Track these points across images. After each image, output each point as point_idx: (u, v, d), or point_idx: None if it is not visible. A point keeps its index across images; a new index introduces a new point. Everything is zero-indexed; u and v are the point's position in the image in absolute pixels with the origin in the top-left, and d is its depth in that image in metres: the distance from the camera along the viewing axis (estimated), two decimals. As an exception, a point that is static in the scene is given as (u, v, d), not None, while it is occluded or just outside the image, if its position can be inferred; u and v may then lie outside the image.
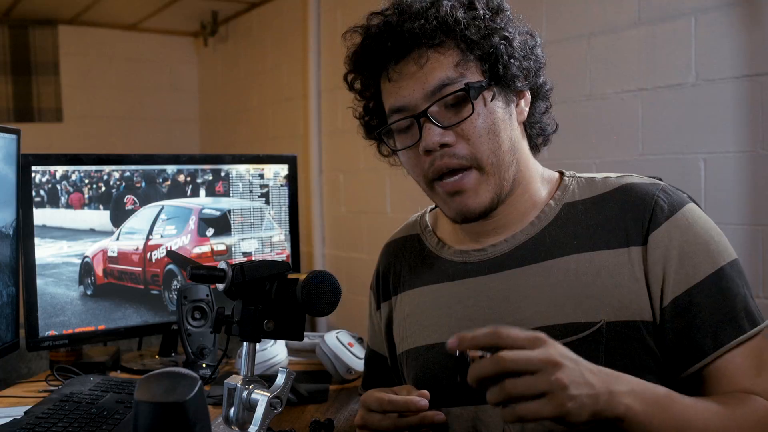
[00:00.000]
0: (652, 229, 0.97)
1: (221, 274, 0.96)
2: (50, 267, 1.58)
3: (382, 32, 1.01)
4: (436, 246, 1.14)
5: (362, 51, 1.04)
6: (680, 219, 0.97)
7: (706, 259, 0.95)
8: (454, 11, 0.99)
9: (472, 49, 0.99)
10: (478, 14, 1.00)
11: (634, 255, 0.97)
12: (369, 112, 1.10)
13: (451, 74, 0.98)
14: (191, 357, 1.56)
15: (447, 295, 1.08)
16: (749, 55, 1.78)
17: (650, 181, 1.03)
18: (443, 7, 0.99)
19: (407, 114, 1.01)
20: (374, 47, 1.01)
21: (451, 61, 0.99)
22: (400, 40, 0.99)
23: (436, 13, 0.98)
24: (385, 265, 1.21)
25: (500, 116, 1.01)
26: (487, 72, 1.00)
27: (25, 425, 1.15)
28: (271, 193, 1.84)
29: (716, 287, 0.94)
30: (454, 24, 0.98)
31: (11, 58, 3.97)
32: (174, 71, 4.52)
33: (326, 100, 3.33)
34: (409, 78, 0.99)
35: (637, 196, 1.00)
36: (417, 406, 0.93)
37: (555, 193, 1.07)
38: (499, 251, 1.05)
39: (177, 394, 0.75)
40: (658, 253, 0.95)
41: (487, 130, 0.99)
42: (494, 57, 0.99)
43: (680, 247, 0.95)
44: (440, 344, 1.06)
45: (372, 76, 1.05)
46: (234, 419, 0.97)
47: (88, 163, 1.64)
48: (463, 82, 0.98)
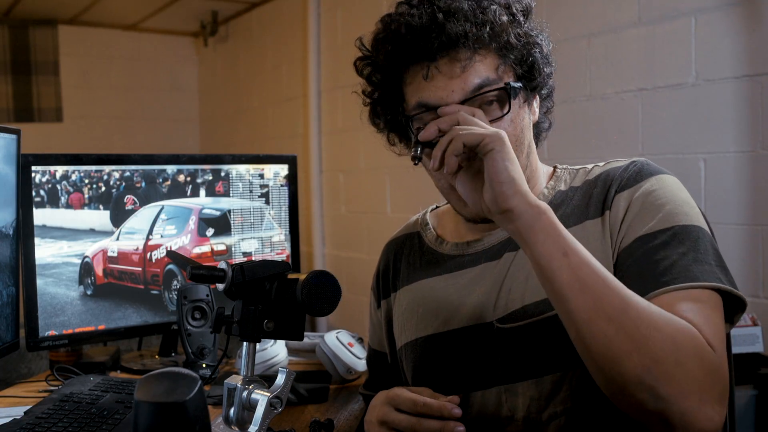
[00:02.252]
0: (618, 192, 0.99)
1: (221, 274, 0.96)
2: (50, 267, 1.58)
3: (426, 27, 0.97)
4: (434, 242, 1.15)
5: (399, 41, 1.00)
6: (645, 183, 0.98)
7: (657, 218, 0.94)
8: (500, 16, 0.98)
9: (512, 53, 1.00)
10: (517, 19, 1.01)
11: (605, 219, 0.99)
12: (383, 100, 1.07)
13: (492, 76, 0.99)
14: (191, 357, 1.56)
15: (444, 287, 1.09)
16: (749, 55, 1.78)
17: (631, 160, 1.05)
18: (490, 12, 0.98)
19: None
20: (418, 40, 0.98)
21: (491, 65, 0.99)
22: (449, 39, 0.96)
23: (484, 17, 0.98)
24: (384, 263, 1.23)
25: (525, 122, 1.04)
26: (522, 77, 1.01)
27: (25, 425, 1.15)
28: (271, 193, 1.84)
29: (661, 241, 0.91)
30: (500, 29, 0.98)
31: (11, 58, 3.97)
32: (174, 71, 4.52)
33: (326, 100, 3.33)
34: (450, 77, 0.98)
35: (616, 172, 1.02)
36: (451, 413, 0.92)
37: (548, 183, 1.10)
38: (495, 240, 1.07)
39: (177, 394, 0.75)
40: (620, 212, 0.97)
41: (515, 138, 1.01)
42: (530, 63, 1.01)
43: (637, 207, 0.96)
44: (437, 335, 1.07)
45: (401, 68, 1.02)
46: (234, 419, 0.97)
47: (88, 163, 1.64)
48: (502, 82, 0.99)
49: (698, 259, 0.90)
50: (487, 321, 1.02)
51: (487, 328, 1.02)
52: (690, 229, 0.92)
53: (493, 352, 1.01)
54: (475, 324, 1.03)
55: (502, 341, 1.00)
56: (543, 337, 0.96)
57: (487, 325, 1.02)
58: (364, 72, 1.07)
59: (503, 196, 0.85)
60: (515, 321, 0.99)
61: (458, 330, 1.05)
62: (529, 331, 0.97)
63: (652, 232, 0.93)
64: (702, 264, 0.89)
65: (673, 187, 0.98)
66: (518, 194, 0.85)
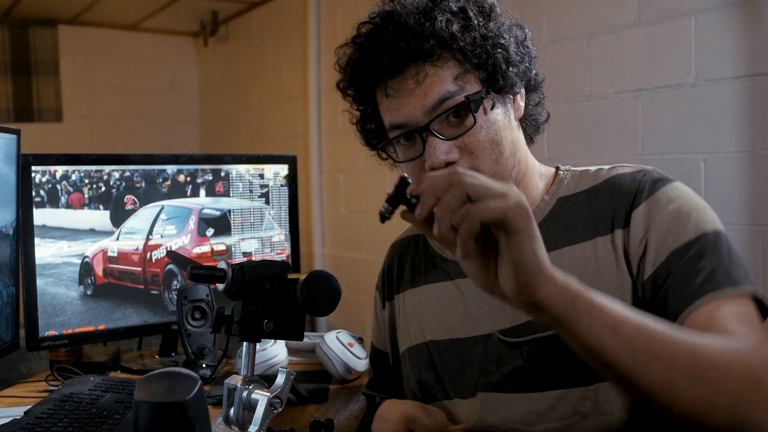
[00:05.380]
0: (634, 208, 0.97)
1: (221, 274, 0.96)
2: (50, 267, 1.58)
3: (376, 48, 0.98)
4: (438, 245, 1.15)
5: (357, 66, 1.02)
6: (661, 195, 0.97)
7: (687, 227, 0.93)
8: (450, 25, 0.96)
9: (470, 60, 0.97)
10: (472, 24, 0.98)
11: (617, 238, 0.97)
12: (366, 120, 1.09)
13: (451, 88, 0.97)
14: (191, 357, 1.56)
15: (447, 293, 1.09)
16: (749, 55, 1.78)
17: (639, 167, 1.04)
18: (438, 22, 0.96)
19: (408, 129, 0.99)
20: (369, 63, 0.99)
21: (449, 75, 0.97)
22: (396, 58, 0.96)
23: (432, 29, 0.96)
24: (390, 264, 1.23)
25: (501, 123, 1.01)
26: (486, 81, 0.99)
27: (25, 425, 1.15)
28: (271, 193, 1.84)
29: (696, 251, 0.91)
30: (450, 39, 0.96)
31: (11, 58, 3.97)
32: (174, 71, 4.52)
33: (326, 100, 3.33)
34: (408, 95, 0.97)
35: (624, 183, 1.01)
36: None
37: (550, 188, 1.07)
38: None
39: (177, 394, 0.75)
40: (640, 229, 0.95)
41: (490, 141, 0.98)
42: (492, 67, 0.98)
43: (661, 221, 0.95)
44: (439, 342, 1.07)
45: (368, 89, 1.03)
46: (234, 419, 0.97)
47: (88, 163, 1.64)
48: (462, 94, 0.97)
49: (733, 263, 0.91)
50: (490, 332, 1.01)
51: (490, 339, 1.01)
52: (717, 235, 0.93)
53: (495, 364, 1.00)
54: (478, 335, 1.03)
55: (504, 353, 0.99)
56: (548, 354, 0.95)
57: (490, 336, 1.01)
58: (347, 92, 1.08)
59: (530, 288, 0.71)
60: (520, 335, 0.98)
61: (462, 339, 1.04)
62: (534, 346, 0.97)
63: (684, 244, 0.92)
64: (736, 268, 0.91)
65: (688, 194, 0.98)
66: (546, 281, 0.72)
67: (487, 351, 1.01)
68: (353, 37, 1.03)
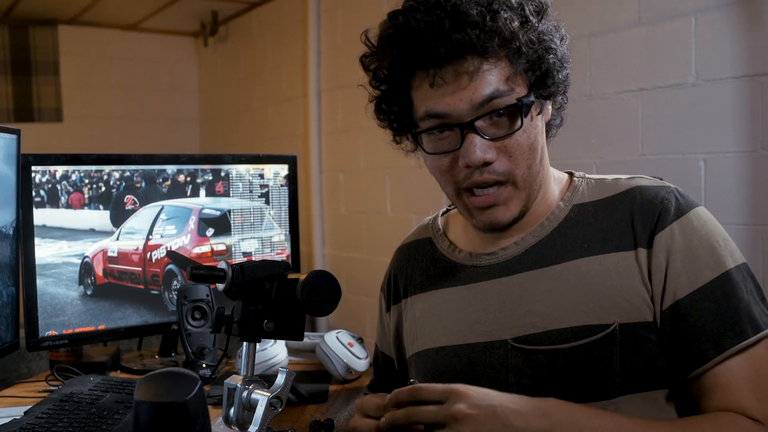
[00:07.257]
0: (658, 230, 0.96)
1: (221, 274, 0.96)
2: (50, 267, 1.58)
3: (433, 34, 0.92)
4: (447, 249, 1.13)
5: (403, 47, 0.95)
6: (686, 222, 0.96)
7: (710, 263, 0.93)
8: (512, 23, 0.93)
9: (521, 61, 0.95)
10: (529, 23, 0.95)
11: (641, 257, 0.96)
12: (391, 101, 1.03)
13: (502, 87, 0.94)
14: (191, 357, 1.56)
15: (458, 299, 1.07)
16: (749, 55, 1.78)
17: (661, 183, 1.02)
18: (500, 18, 0.92)
19: (449, 121, 0.96)
20: (421, 49, 0.93)
21: (502, 73, 0.94)
22: (454, 48, 0.91)
23: (494, 24, 0.92)
24: (397, 267, 1.21)
25: (540, 128, 1.00)
26: (534, 84, 0.97)
27: (25, 425, 1.15)
28: (271, 193, 1.84)
29: (720, 291, 0.92)
30: (510, 37, 0.93)
31: (11, 58, 3.97)
32: (174, 71, 4.52)
33: (326, 100, 3.33)
34: (456, 87, 0.93)
35: (647, 199, 0.99)
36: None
37: (565, 194, 1.06)
38: (509, 254, 1.04)
39: (177, 394, 0.75)
40: (662, 255, 0.94)
41: (529, 146, 0.97)
42: (544, 71, 0.96)
43: (684, 251, 0.94)
44: (449, 347, 1.05)
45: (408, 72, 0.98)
46: (234, 419, 0.97)
47: (88, 163, 1.64)
48: (513, 96, 0.94)
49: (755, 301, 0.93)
50: (502, 338, 1.00)
51: (502, 345, 1.00)
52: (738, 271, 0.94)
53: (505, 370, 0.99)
54: (489, 341, 1.01)
55: (515, 361, 0.98)
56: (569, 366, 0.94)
57: (502, 343, 1.00)
58: (370, 67, 1.03)
59: None
60: (534, 343, 0.97)
61: (472, 345, 1.02)
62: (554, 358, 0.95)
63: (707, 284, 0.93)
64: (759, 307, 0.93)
65: (711, 223, 0.97)
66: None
67: (500, 358, 0.99)
68: (397, 14, 0.97)
